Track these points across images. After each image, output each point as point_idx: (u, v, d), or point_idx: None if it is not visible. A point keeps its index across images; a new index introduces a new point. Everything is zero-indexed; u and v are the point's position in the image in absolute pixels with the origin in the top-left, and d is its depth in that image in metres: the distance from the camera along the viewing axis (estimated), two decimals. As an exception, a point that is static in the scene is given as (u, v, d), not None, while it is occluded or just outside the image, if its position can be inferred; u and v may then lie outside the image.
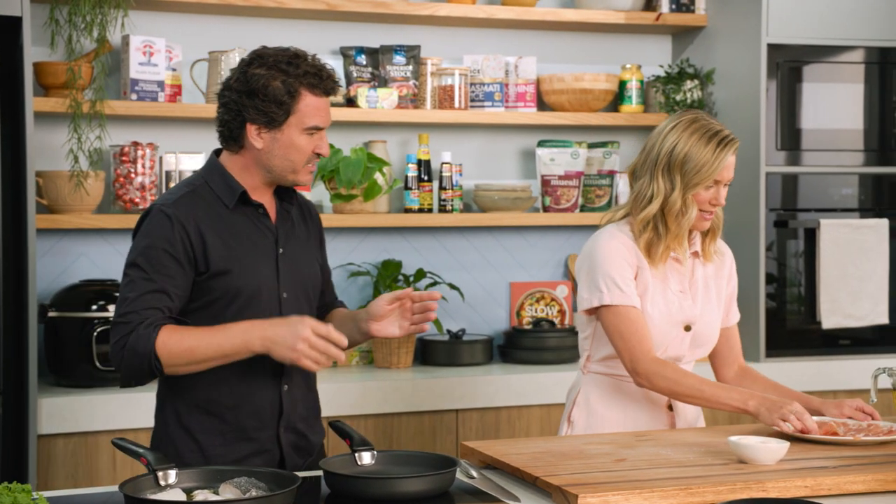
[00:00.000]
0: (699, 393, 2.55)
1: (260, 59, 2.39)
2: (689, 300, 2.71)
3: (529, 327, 4.15)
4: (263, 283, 2.43)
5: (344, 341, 2.30)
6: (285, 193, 2.52)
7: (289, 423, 2.49)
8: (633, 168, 2.73)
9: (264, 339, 2.29)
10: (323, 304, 2.66)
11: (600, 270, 2.65)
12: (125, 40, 3.64)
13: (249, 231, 2.45)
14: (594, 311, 2.70)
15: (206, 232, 2.39)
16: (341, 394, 3.54)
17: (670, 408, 2.74)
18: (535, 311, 4.24)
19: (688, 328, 2.71)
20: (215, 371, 2.38)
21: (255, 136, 2.41)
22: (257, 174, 2.45)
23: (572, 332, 4.06)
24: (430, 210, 4.03)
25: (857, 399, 2.66)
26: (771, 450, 2.26)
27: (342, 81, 3.96)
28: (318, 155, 2.44)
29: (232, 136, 2.44)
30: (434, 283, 4.06)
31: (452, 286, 4.09)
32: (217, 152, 2.51)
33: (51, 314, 3.47)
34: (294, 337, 2.27)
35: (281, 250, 2.48)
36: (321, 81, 2.40)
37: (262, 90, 2.36)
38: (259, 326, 2.31)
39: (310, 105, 2.39)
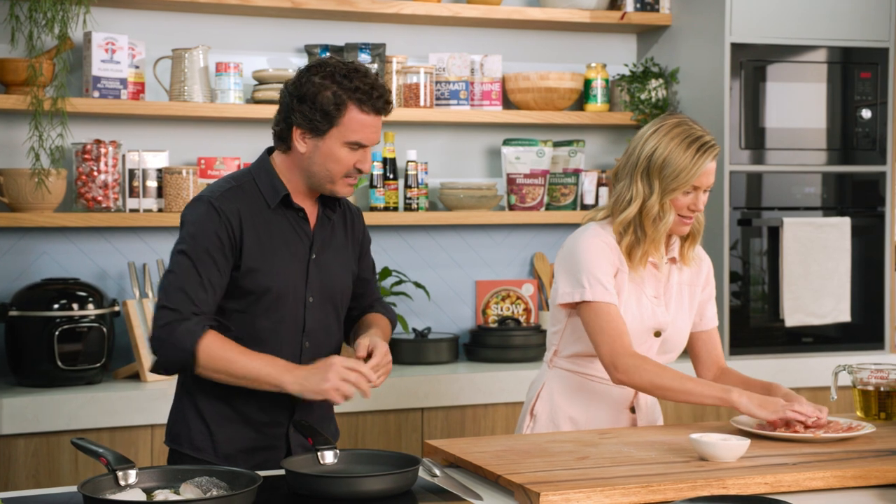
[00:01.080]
0: (680, 385, 2.55)
1: (320, 66, 2.43)
2: (663, 306, 2.71)
3: (495, 326, 4.15)
4: (290, 285, 2.46)
5: (373, 377, 2.36)
6: (329, 200, 2.54)
7: (299, 423, 2.49)
8: (616, 170, 2.73)
9: (296, 379, 2.34)
10: (360, 310, 2.68)
11: (583, 266, 2.64)
12: (87, 37, 3.61)
13: (286, 233, 2.48)
14: (573, 307, 2.69)
15: (245, 227, 2.43)
16: (306, 393, 3.53)
17: (633, 410, 2.74)
18: (501, 310, 4.24)
19: (657, 334, 2.71)
20: None
21: (300, 140, 2.44)
22: (300, 177, 2.48)
23: (538, 330, 4.07)
24: (395, 208, 4.03)
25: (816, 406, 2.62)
26: (731, 447, 2.27)
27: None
28: (360, 170, 2.45)
29: (282, 137, 2.48)
30: (400, 282, 4.06)
31: (418, 285, 4.09)
32: (269, 150, 2.55)
33: (11, 313, 3.44)
34: (326, 372, 2.33)
35: (314, 256, 2.50)
36: (370, 99, 2.40)
37: (311, 97, 2.39)
38: (294, 367, 2.37)
39: (354, 120, 2.40)
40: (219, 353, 2.35)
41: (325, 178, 2.45)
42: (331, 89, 2.38)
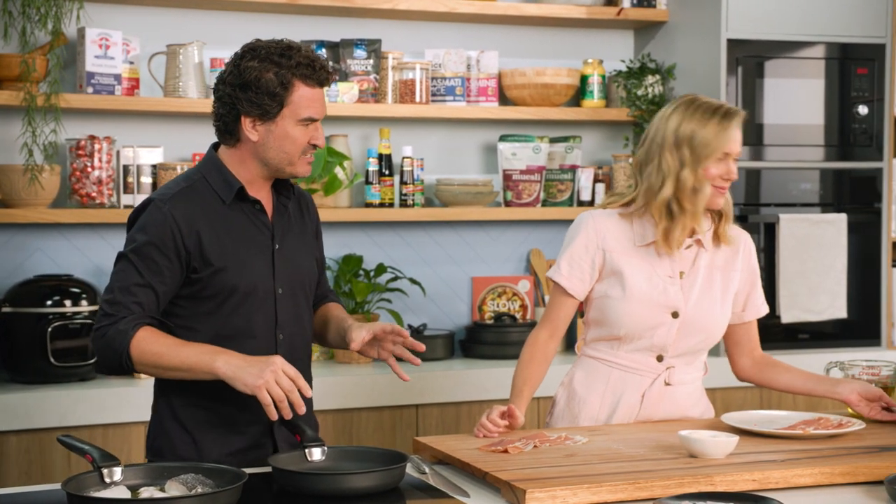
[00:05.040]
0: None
1: (252, 51, 2.40)
2: (677, 286, 2.67)
3: (491, 322, 4.15)
4: (259, 279, 2.44)
5: (309, 392, 2.27)
6: (282, 187, 2.52)
7: (282, 417, 2.45)
8: (638, 160, 2.71)
9: (229, 364, 2.25)
10: (316, 298, 2.67)
11: (563, 249, 2.74)
12: (81, 33, 3.61)
13: (246, 227, 2.45)
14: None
15: (202, 229, 2.39)
16: (300, 389, 3.53)
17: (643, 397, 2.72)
18: (497, 306, 4.24)
19: (675, 315, 2.67)
20: None
21: (251, 129, 2.41)
22: (254, 167, 2.45)
23: (534, 326, 4.05)
24: (391, 205, 4.02)
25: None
26: (720, 444, 2.27)
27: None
28: (314, 146, 2.44)
29: (228, 130, 2.45)
30: (395, 278, 4.05)
31: (414, 281, 4.08)
32: (215, 146, 2.51)
33: (4, 309, 3.44)
34: (263, 368, 2.23)
35: (277, 246, 2.48)
36: (314, 72, 2.39)
37: (254, 83, 2.36)
38: (229, 353, 2.29)
39: (303, 96, 2.39)
40: (149, 349, 2.30)
41: (284, 160, 2.42)
42: (272, 70, 2.36)
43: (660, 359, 2.68)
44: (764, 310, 2.81)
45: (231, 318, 2.42)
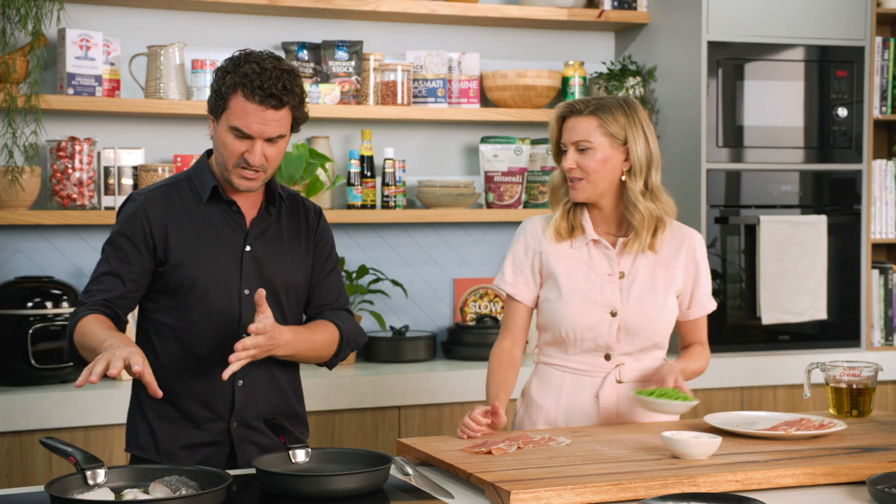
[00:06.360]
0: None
1: (241, 53, 2.44)
2: (615, 285, 2.68)
3: (473, 324, 4.15)
4: (221, 278, 2.46)
5: (158, 392, 2.18)
6: (271, 194, 2.53)
7: (242, 419, 2.50)
8: None
9: (103, 345, 2.22)
10: (315, 309, 2.61)
11: (507, 256, 2.81)
12: (61, 34, 3.59)
13: (218, 226, 2.48)
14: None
15: (171, 224, 2.45)
16: (282, 391, 3.52)
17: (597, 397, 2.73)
18: (479, 308, 4.24)
19: (613, 314, 2.68)
20: (173, 359, 2.46)
21: (211, 123, 2.48)
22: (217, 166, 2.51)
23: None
24: (372, 206, 4.02)
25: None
26: (703, 444, 2.28)
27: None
28: (248, 162, 2.40)
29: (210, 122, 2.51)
30: (377, 280, 4.05)
31: (395, 282, 4.08)
32: (209, 153, 2.55)
33: (-15, 311, 3.42)
34: (107, 351, 2.17)
35: (248, 248, 2.49)
36: (253, 88, 2.36)
37: (216, 80, 2.43)
38: (111, 341, 2.23)
39: (238, 106, 2.38)
40: (79, 332, 2.34)
41: (221, 164, 2.45)
42: (230, 73, 2.40)
43: (608, 357, 2.69)
44: (710, 307, 2.79)
45: (192, 314, 2.46)
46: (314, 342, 2.52)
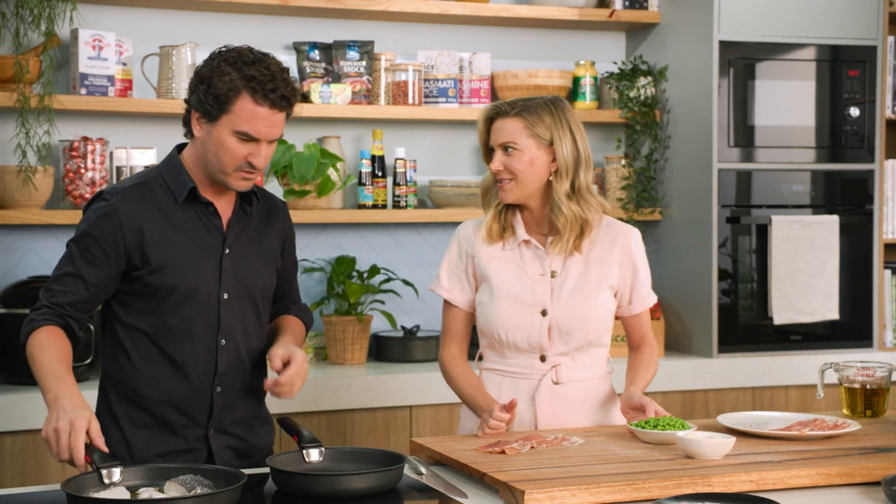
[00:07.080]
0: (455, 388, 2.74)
1: (230, 51, 2.36)
2: (546, 284, 2.66)
3: (484, 323, 4.14)
4: (201, 282, 2.39)
5: (103, 446, 2.12)
6: (246, 194, 2.46)
7: (220, 425, 2.45)
8: None
9: (54, 404, 2.16)
10: (276, 310, 2.61)
11: (442, 261, 2.80)
12: (74, 34, 3.60)
13: (195, 229, 2.41)
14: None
15: (145, 226, 2.37)
16: (294, 390, 3.52)
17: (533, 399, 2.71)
18: (490, 307, 4.24)
19: (544, 313, 2.65)
20: (148, 365, 2.39)
21: (196, 124, 2.38)
22: (201, 168, 2.41)
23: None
24: (384, 206, 4.02)
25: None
26: (717, 445, 2.27)
27: (296, 77, 3.94)
28: (252, 165, 2.35)
29: (185, 121, 2.42)
30: (388, 280, 4.05)
31: (407, 282, 4.08)
32: (179, 148, 2.48)
33: (-2, 311, 3.43)
34: (57, 419, 2.12)
35: (227, 251, 2.43)
36: (265, 91, 2.30)
37: (209, 80, 2.32)
38: (65, 395, 2.18)
39: (246, 109, 2.31)
40: (31, 352, 2.29)
41: (217, 167, 2.36)
42: (229, 74, 2.30)
43: (543, 359, 2.68)
44: (651, 301, 2.77)
45: (169, 319, 2.38)
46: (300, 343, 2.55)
